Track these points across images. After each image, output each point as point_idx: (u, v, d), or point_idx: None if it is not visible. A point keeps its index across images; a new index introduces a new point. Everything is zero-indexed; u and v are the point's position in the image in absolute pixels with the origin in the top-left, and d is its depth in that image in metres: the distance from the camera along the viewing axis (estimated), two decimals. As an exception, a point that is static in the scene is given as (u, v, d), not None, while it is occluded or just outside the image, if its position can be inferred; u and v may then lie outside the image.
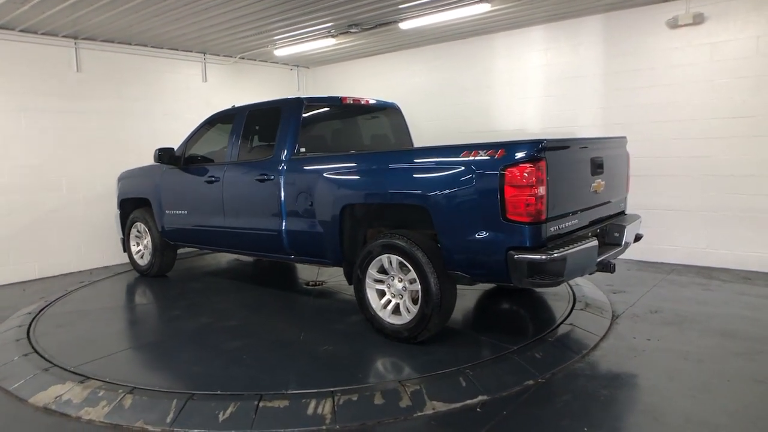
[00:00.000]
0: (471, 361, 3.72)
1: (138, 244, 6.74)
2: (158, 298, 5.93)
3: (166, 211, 6.18)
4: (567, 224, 3.76)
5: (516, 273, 3.50)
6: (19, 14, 5.94)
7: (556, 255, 3.41)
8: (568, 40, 7.31)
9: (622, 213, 4.81)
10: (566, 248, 3.50)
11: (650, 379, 3.56)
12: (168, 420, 3.15)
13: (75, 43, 7.20)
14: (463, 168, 3.68)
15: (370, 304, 4.28)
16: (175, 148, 5.95)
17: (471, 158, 3.64)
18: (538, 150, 3.45)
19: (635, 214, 4.91)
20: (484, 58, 8.15)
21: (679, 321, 4.58)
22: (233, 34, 7.39)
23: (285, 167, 4.84)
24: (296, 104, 5.02)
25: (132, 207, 6.71)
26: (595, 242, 3.75)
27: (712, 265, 6.37)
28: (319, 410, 3.17)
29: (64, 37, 7.05)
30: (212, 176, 5.51)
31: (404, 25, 7.05)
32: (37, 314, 5.18)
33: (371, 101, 5.73)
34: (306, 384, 3.48)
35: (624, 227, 4.30)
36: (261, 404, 3.22)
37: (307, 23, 6.98)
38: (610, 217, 4.50)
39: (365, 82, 9.63)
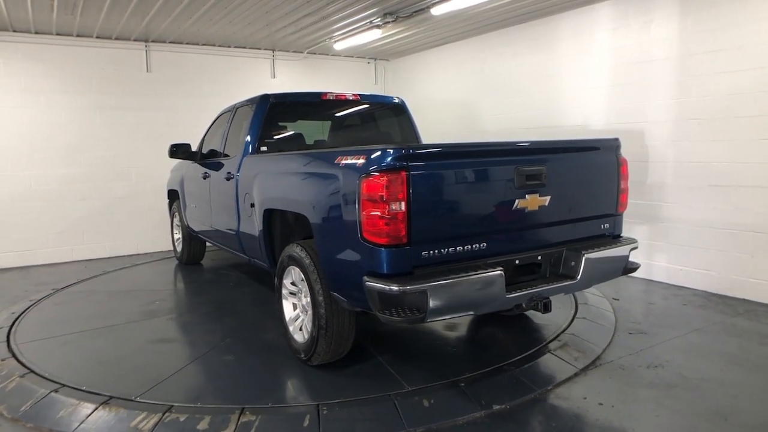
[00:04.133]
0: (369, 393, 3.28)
1: (178, 233, 7.25)
2: (156, 285, 6.27)
3: (187, 203, 6.53)
4: (460, 249, 3.04)
5: (372, 303, 2.94)
6: (97, 22, 6.74)
7: (410, 287, 2.77)
8: (638, 17, 5.98)
9: (609, 237, 3.77)
10: (432, 279, 2.82)
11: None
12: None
13: (145, 46, 7.95)
14: (332, 176, 3.19)
15: (284, 316, 4.00)
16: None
17: (339, 165, 3.14)
18: (397, 159, 2.83)
19: (630, 238, 3.82)
20: (547, 43, 7.09)
21: (672, 386, 3.46)
22: (298, 29, 7.48)
23: (240, 166, 4.74)
24: (261, 102, 4.87)
25: (174, 198, 7.23)
26: (494, 273, 2.97)
27: (805, 312, 4.75)
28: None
29: (135, 40, 7.82)
30: (206, 173, 5.65)
31: (436, 11, 6.43)
32: (49, 294, 5.81)
33: (363, 97, 5.32)
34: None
35: (581, 256, 3.35)
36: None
37: (348, 14, 6.76)
38: (576, 241, 3.56)
39: (438, 73, 9.08)
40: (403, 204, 2.82)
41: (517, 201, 3.19)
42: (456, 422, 3.06)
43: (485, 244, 3.12)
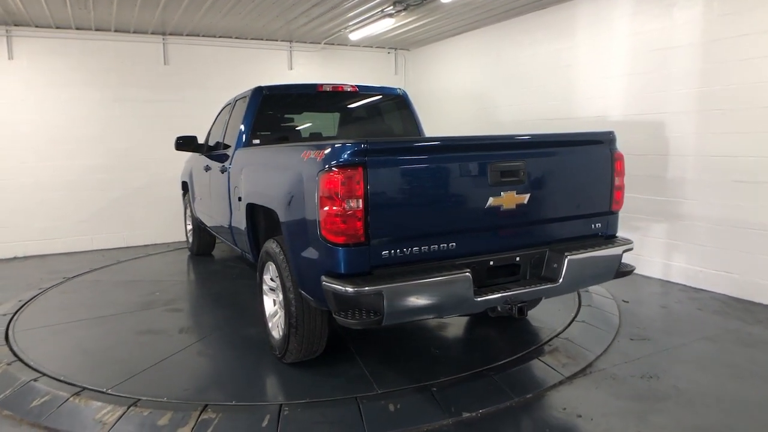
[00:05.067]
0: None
1: (190, 224, 7.34)
2: (161, 276, 6.33)
3: (195, 195, 6.58)
4: (426, 249, 2.89)
5: (329, 304, 2.83)
6: (111, 15, 6.84)
7: (365, 288, 2.64)
8: (661, 0, 5.59)
9: (601, 237, 3.52)
10: (389, 281, 2.69)
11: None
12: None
13: (163, 39, 8.04)
14: (298, 172, 3.09)
15: (264, 311, 3.95)
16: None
17: (304, 160, 3.03)
18: (355, 154, 2.69)
19: (625, 238, 3.56)
20: (564, 30, 6.76)
21: (663, 398, 3.21)
22: (311, 19, 7.41)
23: (232, 159, 4.71)
24: (254, 94, 4.81)
25: (186, 189, 7.31)
26: (458, 275, 2.81)
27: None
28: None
29: (152, 33, 7.92)
30: (207, 165, 5.66)
31: (445, -1, 6.22)
32: (59, 283, 5.97)
33: (362, 89, 5.19)
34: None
35: (563, 258, 3.14)
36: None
37: (359, 2, 6.61)
38: (562, 241, 3.34)
39: (457, 63, 8.83)
40: (360, 201, 2.69)
41: (490, 199, 3.00)
42: (419, 429, 2.93)
43: (455, 244, 2.96)
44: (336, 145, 2.75)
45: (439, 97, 9.21)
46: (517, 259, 3.18)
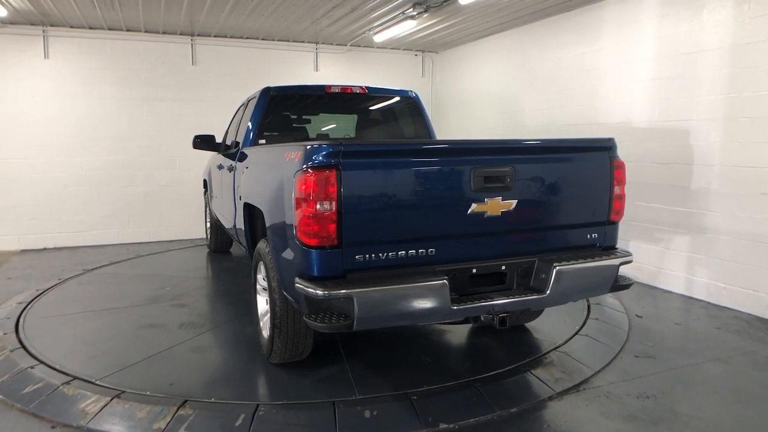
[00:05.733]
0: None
1: (209, 221, 7.48)
2: (176, 272, 6.43)
3: (213, 194, 6.70)
4: (403, 254, 2.82)
5: (302, 306, 2.81)
6: (139, 16, 7.06)
7: (334, 292, 2.60)
8: (690, 2, 5.32)
9: (598, 248, 3.37)
10: (360, 285, 2.64)
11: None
12: None
13: (191, 40, 8.24)
14: (279, 172, 3.07)
15: (257, 310, 3.96)
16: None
17: (286, 161, 3.02)
18: (329, 156, 2.66)
19: (624, 251, 3.39)
20: (589, 33, 6.54)
21: (655, 421, 3.03)
22: (333, 21, 7.45)
23: (238, 158, 4.76)
24: (261, 94, 4.85)
25: (206, 187, 7.45)
26: (433, 283, 2.73)
27: None
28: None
29: (181, 34, 8.13)
30: (220, 164, 5.74)
31: (463, 0, 6.11)
32: (78, 274, 6.17)
33: (371, 90, 5.15)
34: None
35: (552, 268, 3.01)
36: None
37: (378, 4, 6.59)
38: (553, 251, 3.21)
39: (484, 66, 8.69)
40: (333, 204, 2.66)
41: (473, 205, 2.91)
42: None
43: (434, 250, 2.88)
44: (311, 147, 2.72)
45: (467, 100, 9.08)
46: (503, 267, 3.07)
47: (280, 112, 4.94)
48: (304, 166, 2.70)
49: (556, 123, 7.12)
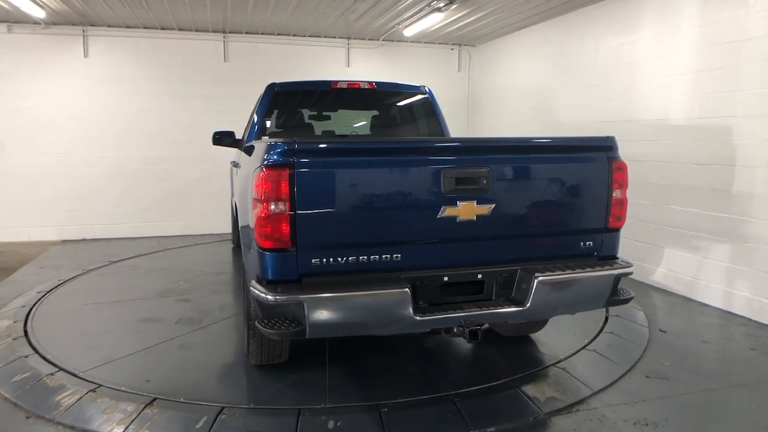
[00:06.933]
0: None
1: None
2: (194, 266, 6.45)
3: (232, 189, 6.74)
4: (365, 259, 2.65)
5: (255, 311, 2.69)
6: (168, 14, 7.21)
7: (284, 297, 2.47)
8: (734, -15, 4.80)
9: (594, 258, 3.05)
10: (312, 291, 2.49)
11: None
12: None
13: (223, 37, 8.34)
14: (247, 170, 2.97)
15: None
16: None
17: (251, 158, 2.91)
18: (283, 154, 2.52)
19: (624, 261, 3.06)
20: (627, 22, 6.06)
21: (649, 452, 2.72)
22: (359, 16, 7.34)
23: (240, 155, 4.71)
24: (266, 90, 4.79)
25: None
26: (393, 291, 2.54)
27: None
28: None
29: (213, 31, 8.24)
30: (234, 159, 5.74)
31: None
32: (102, 266, 6.36)
33: (380, 86, 4.98)
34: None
35: (533, 278, 2.75)
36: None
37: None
38: (539, 260, 2.93)
39: (520, 60, 8.31)
40: (286, 204, 2.52)
41: (443, 208, 2.69)
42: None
43: (399, 256, 2.69)
44: (267, 144, 2.60)
45: (504, 95, 8.71)
46: (479, 276, 2.83)
47: (285, 108, 4.85)
48: (261, 164, 2.58)
49: (590, 120, 6.67)
